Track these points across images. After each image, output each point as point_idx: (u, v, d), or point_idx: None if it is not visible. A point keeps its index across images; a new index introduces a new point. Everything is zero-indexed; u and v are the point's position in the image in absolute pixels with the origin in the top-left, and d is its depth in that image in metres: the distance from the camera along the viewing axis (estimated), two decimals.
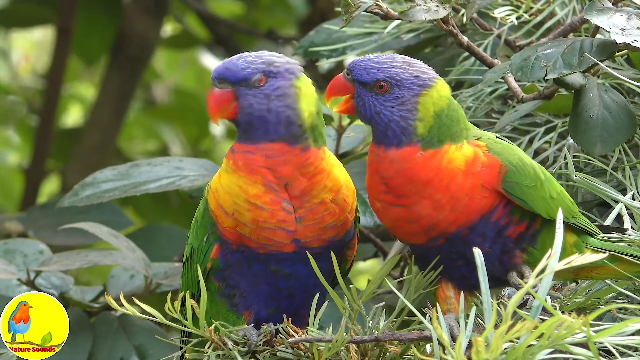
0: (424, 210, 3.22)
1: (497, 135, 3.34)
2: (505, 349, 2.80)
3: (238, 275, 3.30)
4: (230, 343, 3.20)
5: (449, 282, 3.30)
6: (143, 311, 3.15)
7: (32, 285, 4.15)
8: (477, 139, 3.27)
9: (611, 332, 2.76)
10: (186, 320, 3.17)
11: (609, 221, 3.53)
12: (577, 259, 2.85)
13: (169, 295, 3.13)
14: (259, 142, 3.24)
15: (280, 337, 3.24)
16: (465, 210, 3.22)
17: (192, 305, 3.17)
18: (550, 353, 2.84)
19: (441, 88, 3.25)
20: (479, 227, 3.24)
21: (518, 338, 2.78)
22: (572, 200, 3.39)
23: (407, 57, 3.29)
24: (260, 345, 3.23)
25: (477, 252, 2.93)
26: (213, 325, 3.20)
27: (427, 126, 3.23)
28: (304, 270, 3.26)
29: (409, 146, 3.22)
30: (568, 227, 3.34)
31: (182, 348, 3.32)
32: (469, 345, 2.86)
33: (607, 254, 3.02)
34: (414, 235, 3.26)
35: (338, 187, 3.30)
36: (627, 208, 3.54)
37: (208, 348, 3.19)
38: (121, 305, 3.11)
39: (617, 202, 3.54)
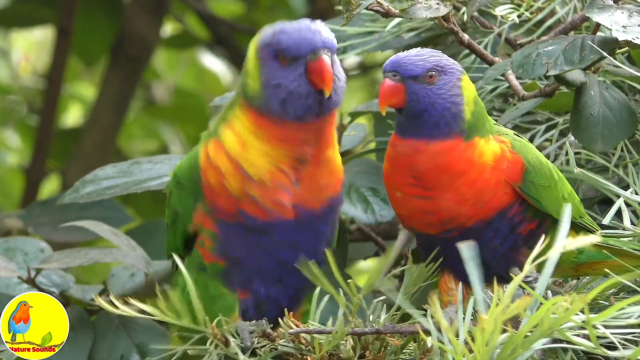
0: (446, 203, 3.23)
1: (515, 132, 3.36)
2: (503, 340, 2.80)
3: (237, 249, 3.23)
4: (232, 339, 3.18)
5: (451, 273, 3.31)
6: (141, 310, 3.12)
7: (32, 283, 4.14)
8: (500, 135, 3.30)
9: (609, 314, 2.75)
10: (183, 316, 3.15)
11: (609, 216, 3.53)
12: (571, 243, 2.85)
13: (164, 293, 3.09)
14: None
15: (281, 331, 3.23)
16: (486, 206, 3.24)
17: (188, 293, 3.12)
18: (552, 342, 2.84)
19: (466, 76, 3.31)
20: (495, 223, 3.26)
21: (517, 327, 2.79)
22: (579, 199, 3.40)
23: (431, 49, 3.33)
24: (254, 343, 3.21)
25: (464, 246, 2.94)
26: (215, 321, 3.17)
27: (470, 110, 3.25)
28: (308, 236, 3.23)
29: (455, 137, 3.23)
30: (572, 226, 3.35)
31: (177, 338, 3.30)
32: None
33: (599, 237, 3.02)
34: (428, 226, 3.27)
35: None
36: (627, 204, 3.55)
37: (210, 344, 3.17)
38: (115, 306, 3.09)
39: (618, 196, 3.55)
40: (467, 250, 2.90)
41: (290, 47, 3.13)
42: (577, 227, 3.38)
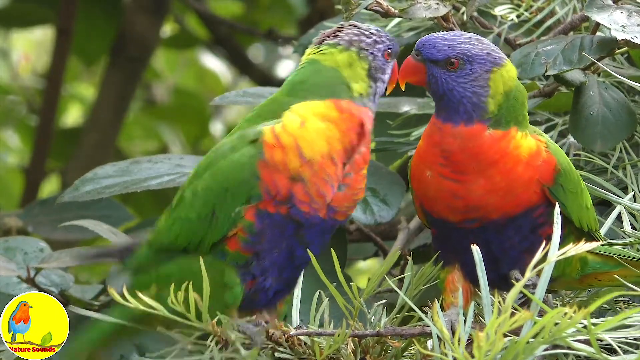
0: (477, 190, 3.21)
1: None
2: (506, 345, 2.80)
3: (267, 242, 3.22)
4: (233, 337, 3.16)
5: (461, 270, 3.30)
6: (147, 305, 3.10)
7: (32, 282, 4.13)
8: (537, 134, 3.29)
9: (612, 324, 2.75)
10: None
11: (608, 223, 3.52)
12: (572, 249, 2.85)
13: (172, 288, 3.07)
14: None
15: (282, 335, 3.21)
16: (515, 200, 3.21)
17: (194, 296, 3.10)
18: (552, 348, 2.83)
19: (510, 69, 3.27)
20: (519, 220, 3.23)
21: (519, 333, 2.78)
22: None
23: (474, 34, 3.29)
24: (264, 341, 3.19)
25: (475, 248, 2.94)
26: (216, 319, 3.15)
27: (497, 104, 3.23)
28: (319, 241, 3.25)
29: (478, 124, 3.22)
30: (584, 236, 3.31)
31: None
32: (471, 342, 2.86)
33: (599, 243, 3.01)
34: (452, 211, 3.24)
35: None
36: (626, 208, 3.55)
37: (211, 342, 3.15)
38: (125, 299, 3.07)
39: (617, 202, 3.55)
40: (477, 252, 2.90)
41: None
42: (588, 239, 3.34)
